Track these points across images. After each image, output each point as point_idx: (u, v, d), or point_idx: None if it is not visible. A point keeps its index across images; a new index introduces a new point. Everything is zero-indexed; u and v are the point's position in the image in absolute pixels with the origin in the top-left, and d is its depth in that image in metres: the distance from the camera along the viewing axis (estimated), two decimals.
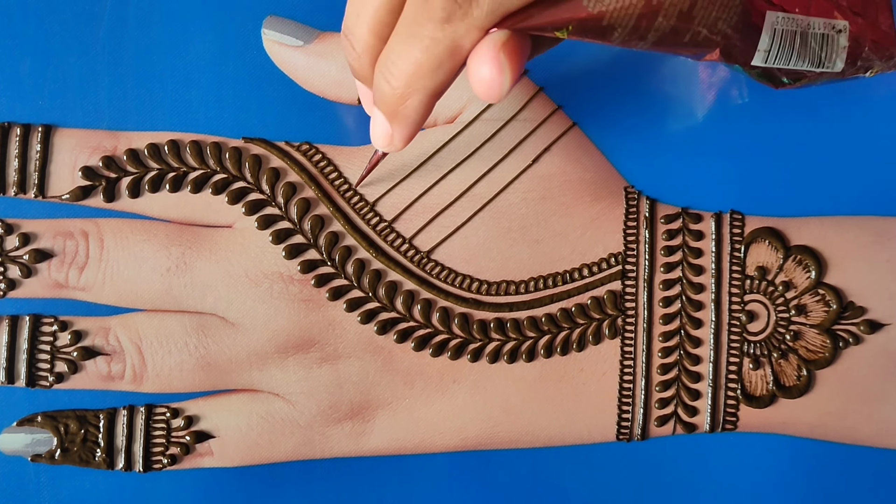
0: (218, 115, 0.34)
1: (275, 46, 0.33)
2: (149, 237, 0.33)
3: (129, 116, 0.34)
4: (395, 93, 0.25)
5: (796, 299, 0.34)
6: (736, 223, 0.34)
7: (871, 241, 0.34)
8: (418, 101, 0.25)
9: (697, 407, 0.34)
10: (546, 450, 0.35)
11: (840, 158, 0.35)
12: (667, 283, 0.34)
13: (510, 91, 0.24)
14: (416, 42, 0.24)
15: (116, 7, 0.34)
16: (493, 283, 0.34)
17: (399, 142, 0.26)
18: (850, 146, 0.35)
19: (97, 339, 0.33)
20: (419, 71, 0.24)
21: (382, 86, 0.25)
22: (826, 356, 0.34)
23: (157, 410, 0.34)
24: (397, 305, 0.33)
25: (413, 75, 0.24)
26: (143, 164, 0.33)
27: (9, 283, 0.33)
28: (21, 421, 0.34)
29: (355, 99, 0.34)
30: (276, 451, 0.34)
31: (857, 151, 0.35)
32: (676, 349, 0.34)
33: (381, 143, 0.26)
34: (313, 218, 0.33)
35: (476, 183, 0.34)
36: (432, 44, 0.23)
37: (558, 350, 0.34)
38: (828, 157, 0.35)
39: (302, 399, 0.33)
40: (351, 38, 0.25)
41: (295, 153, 0.34)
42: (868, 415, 0.34)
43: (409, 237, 0.34)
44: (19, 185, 0.33)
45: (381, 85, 0.25)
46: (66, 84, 0.34)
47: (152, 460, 0.34)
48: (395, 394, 0.34)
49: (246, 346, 0.33)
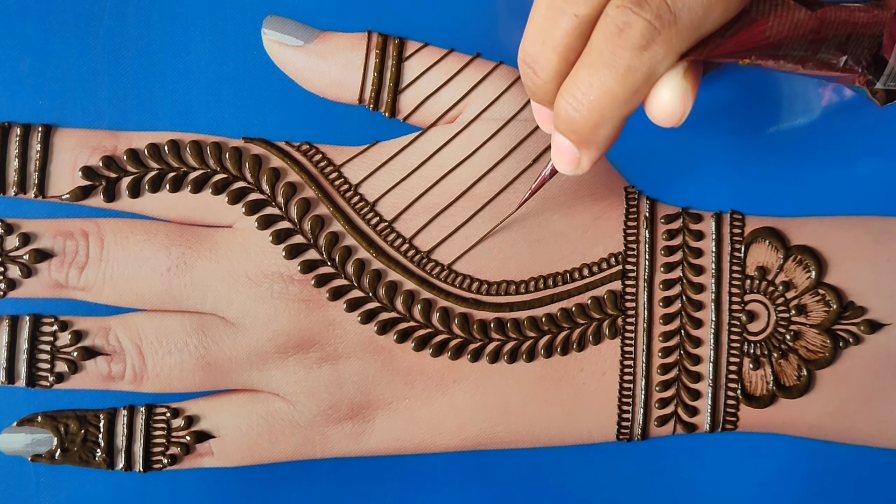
0: (218, 115, 0.34)
1: (275, 46, 0.33)
2: (149, 237, 0.33)
3: (129, 116, 0.34)
4: (586, 122, 0.24)
5: (796, 299, 0.34)
6: (736, 223, 0.34)
7: (871, 241, 0.34)
8: (611, 128, 0.24)
9: (697, 407, 0.34)
10: (546, 450, 0.35)
11: (840, 158, 0.35)
12: (667, 283, 0.34)
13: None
14: (610, 71, 0.23)
15: (116, 7, 0.34)
16: (493, 283, 0.34)
17: (587, 166, 0.26)
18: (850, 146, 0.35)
19: (97, 339, 0.33)
20: (614, 101, 0.24)
21: (572, 115, 0.24)
22: (826, 356, 0.34)
23: (158, 410, 0.34)
24: (397, 305, 0.33)
25: (608, 105, 0.24)
26: (143, 164, 0.33)
27: (9, 283, 0.33)
28: (21, 421, 0.34)
29: (355, 99, 0.34)
30: (276, 451, 0.34)
31: (857, 151, 0.35)
32: (676, 349, 0.34)
33: (567, 167, 0.26)
34: (313, 218, 0.33)
35: (476, 183, 0.34)
36: (628, 72, 0.23)
37: (558, 350, 0.34)
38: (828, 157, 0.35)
39: (302, 399, 0.33)
40: (534, 64, 0.25)
41: (295, 153, 0.34)
42: (868, 415, 0.34)
43: (409, 237, 0.34)
44: (19, 185, 0.33)
45: (570, 114, 0.24)
46: (66, 84, 0.34)
47: (152, 460, 0.34)
48: (395, 394, 0.34)
49: (246, 346, 0.33)
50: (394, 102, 0.34)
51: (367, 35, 0.34)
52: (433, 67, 0.34)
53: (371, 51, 0.33)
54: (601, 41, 0.23)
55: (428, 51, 0.34)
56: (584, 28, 0.24)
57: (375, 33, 0.34)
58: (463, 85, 0.34)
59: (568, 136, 0.25)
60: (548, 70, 0.25)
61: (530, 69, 0.25)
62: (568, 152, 0.26)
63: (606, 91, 0.24)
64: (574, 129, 0.25)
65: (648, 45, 0.23)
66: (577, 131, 0.25)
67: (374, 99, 0.34)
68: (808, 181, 0.35)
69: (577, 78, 0.24)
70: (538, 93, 0.25)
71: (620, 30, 0.23)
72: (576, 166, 0.26)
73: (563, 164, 0.26)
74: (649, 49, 0.23)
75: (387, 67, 0.34)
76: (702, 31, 0.23)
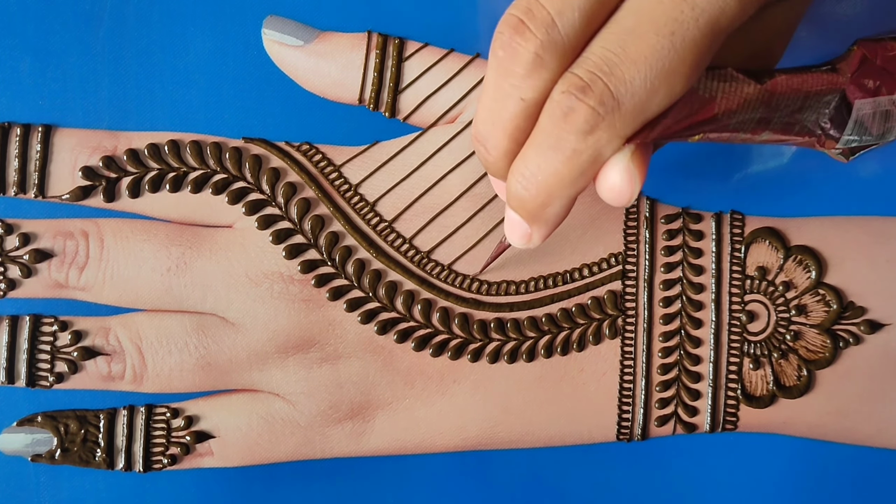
0: (218, 115, 0.34)
1: (275, 46, 0.33)
2: (149, 237, 0.33)
3: (129, 116, 0.34)
4: (535, 201, 0.25)
5: (796, 299, 0.34)
6: (736, 223, 0.34)
7: (871, 241, 0.34)
8: (559, 207, 0.25)
9: (697, 407, 0.34)
10: (546, 450, 0.35)
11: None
12: (667, 283, 0.34)
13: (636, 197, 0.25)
14: (557, 154, 0.24)
15: (116, 7, 0.34)
16: (493, 283, 0.34)
17: (538, 241, 0.26)
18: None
19: (97, 339, 0.33)
20: (561, 182, 0.24)
21: (521, 193, 0.25)
22: (826, 356, 0.34)
23: (157, 410, 0.34)
24: (397, 305, 0.33)
25: (554, 185, 0.24)
26: (143, 164, 0.33)
27: (9, 283, 0.33)
28: (21, 421, 0.34)
29: (355, 99, 0.34)
30: (276, 451, 0.34)
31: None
32: (677, 349, 0.34)
33: (518, 241, 0.27)
34: (313, 218, 0.33)
35: (476, 183, 0.34)
36: (574, 155, 0.24)
37: (558, 350, 0.34)
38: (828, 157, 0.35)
39: (302, 399, 0.33)
40: (486, 142, 0.25)
41: (295, 153, 0.34)
42: (868, 415, 0.34)
43: (409, 237, 0.34)
44: (19, 185, 0.33)
45: (519, 192, 0.25)
46: (66, 84, 0.34)
47: (152, 460, 0.34)
48: (396, 394, 0.34)
49: (246, 346, 0.33)
50: (394, 102, 0.34)
51: (367, 35, 0.34)
52: (433, 67, 0.34)
53: (371, 51, 0.33)
54: (548, 124, 0.24)
55: (428, 51, 0.34)
56: (531, 111, 0.24)
57: (375, 33, 0.34)
58: (463, 85, 0.34)
59: (518, 213, 0.26)
60: (498, 149, 0.25)
61: (482, 147, 0.26)
62: (519, 227, 0.26)
63: (553, 172, 0.24)
64: (524, 206, 0.25)
65: (593, 130, 0.23)
66: (526, 209, 0.25)
67: (374, 99, 0.34)
68: (808, 181, 0.35)
69: (526, 158, 0.24)
70: (491, 168, 0.26)
71: (565, 114, 0.23)
72: (527, 241, 0.26)
73: (516, 238, 0.27)
74: (594, 134, 0.23)
75: (387, 67, 0.34)
76: (646, 114, 0.23)
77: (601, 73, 0.23)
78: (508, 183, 0.25)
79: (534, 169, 0.24)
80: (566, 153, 0.24)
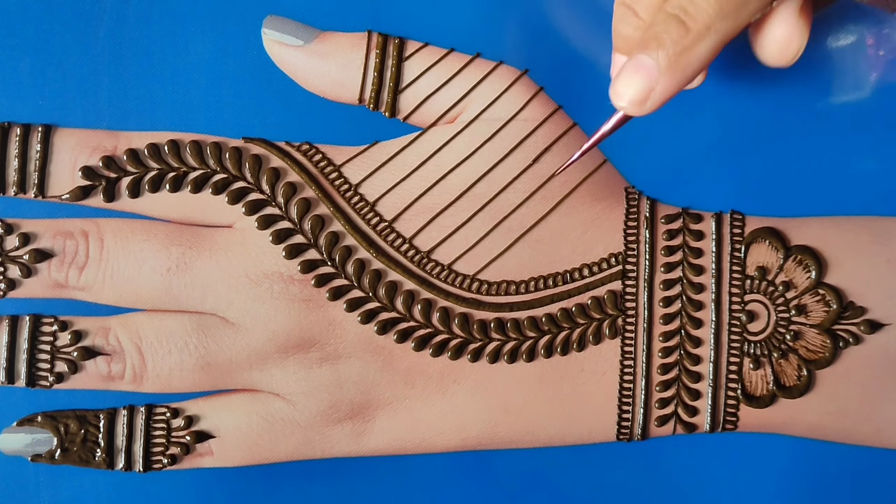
0: (218, 115, 0.34)
1: (275, 46, 0.33)
2: (149, 237, 0.33)
3: (129, 116, 0.34)
4: (689, 33, 0.23)
5: (796, 299, 0.34)
6: (736, 223, 0.34)
7: (871, 241, 0.34)
8: (710, 45, 0.23)
9: (697, 407, 0.34)
10: (546, 450, 0.35)
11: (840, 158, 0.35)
12: (667, 283, 0.34)
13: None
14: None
15: (116, 7, 0.34)
16: (493, 283, 0.34)
17: (661, 98, 0.24)
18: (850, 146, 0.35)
19: (97, 339, 0.33)
20: (722, 9, 0.23)
21: (673, 27, 0.23)
22: (826, 356, 0.34)
23: (157, 410, 0.34)
24: (397, 305, 0.33)
25: (716, 14, 0.23)
26: (143, 164, 0.33)
27: (9, 283, 0.33)
28: (21, 421, 0.34)
29: (355, 99, 0.34)
30: (276, 451, 0.34)
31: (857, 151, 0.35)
32: (677, 349, 0.34)
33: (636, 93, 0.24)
34: (313, 218, 0.33)
35: (476, 183, 0.34)
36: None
37: (558, 350, 0.34)
38: (828, 157, 0.35)
39: (302, 399, 0.33)
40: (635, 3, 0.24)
41: (295, 153, 0.34)
42: (868, 415, 0.34)
43: (409, 237, 0.34)
44: (19, 185, 0.33)
45: (671, 26, 0.23)
46: (66, 84, 0.34)
47: (152, 460, 0.34)
48: (396, 394, 0.34)
49: (246, 346, 0.33)
50: (394, 102, 0.34)
51: (367, 35, 0.34)
52: (433, 67, 0.34)
53: (371, 51, 0.33)
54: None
55: (428, 51, 0.34)
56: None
57: (375, 33, 0.34)
58: (463, 85, 0.34)
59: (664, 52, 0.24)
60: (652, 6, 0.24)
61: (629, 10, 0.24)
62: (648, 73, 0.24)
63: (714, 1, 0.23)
64: (673, 40, 0.23)
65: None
66: (675, 43, 0.23)
67: (374, 99, 0.34)
68: (808, 181, 0.35)
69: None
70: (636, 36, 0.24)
71: None
72: (646, 95, 0.25)
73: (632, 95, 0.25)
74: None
75: (387, 67, 0.34)
76: None
77: None
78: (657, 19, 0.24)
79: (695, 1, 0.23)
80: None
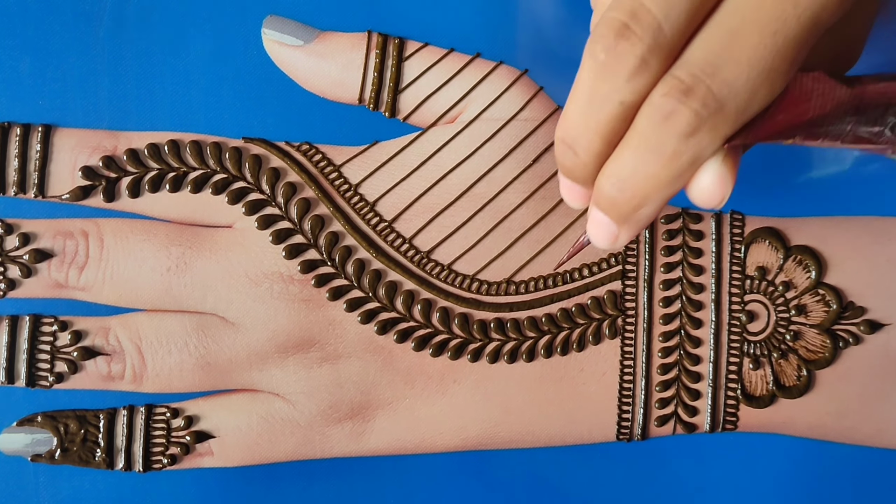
0: (218, 115, 0.34)
1: (275, 46, 0.33)
2: (149, 237, 0.33)
3: (129, 116, 0.34)
4: (629, 203, 0.24)
5: (796, 299, 0.34)
6: (736, 223, 0.34)
7: (871, 241, 0.34)
8: (652, 209, 0.25)
9: (697, 407, 0.34)
10: (546, 450, 0.35)
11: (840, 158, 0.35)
12: (667, 283, 0.34)
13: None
14: (655, 157, 0.23)
15: (116, 7, 0.34)
16: (493, 283, 0.34)
17: (625, 241, 0.26)
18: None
19: (97, 339, 0.33)
20: (658, 184, 0.24)
21: (614, 195, 0.25)
22: (826, 356, 0.34)
23: (157, 410, 0.34)
24: (397, 305, 0.33)
25: (651, 188, 0.24)
26: (143, 164, 0.33)
27: (9, 283, 0.33)
28: (21, 421, 0.34)
29: (355, 99, 0.34)
30: (276, 451, 0.34)
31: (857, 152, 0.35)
32: (676, 349, 0.34)
33: (603, 242, 0.26)
34: (313, 218, 0.33)
35: (476, 183, 0.34)
36: (673, 157, 0.23)
37: (558, 350, 0.34)
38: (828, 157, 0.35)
39: (302, 399, 0.33)
40: (575, 145, 0.25)
41: (295, 153, 0.34)
42: (868, 415, 0.34)
43: (409, 237, 0.34)
44: (19, 185, 0.33)
45: (612, 194, 0.25)
46: (66, 84, 0.34)
47: (152, 460, 0.34)
48: (396, 394, 0.34)
49: (246, 346, 0.33)
50: (394, 102, 0.34)
51: (367, 35, 0.34)
52: (433, 67, 0.34)
53: (371, 51, 0.33)
54: (646, 127, 0.23)
55: (428, 51, 0.34)
56: (628, 113, 0.24)
57: (375, 33, 0.34)
58: (463, 85, 0.34)
59: (608, 214, 0.25)
60: (590, 152, 0.25)
61: (570, 150, 0.25)
62: (606, 228, 0.26)
63: (650, 175, 0.24)
64: (615, 208, 0.25)
65: (694, 133, 0.23)
66: (618, 210, 0.25)
67: (374, 99, 0.34)
68: (808, 181, 0.35)
69: (621, 160, 0.24)
70: (576, 172, 0.26)
71: (666, 117, 0.23)
72: (613, 241, 0.26)
73: (601, 238, 0.26)
74: (695, 136, 0.23)
75: (387, 67, 0.34)
76: (747, 115, 0.23)
77: (704, 75, 0.23)
78: (599, 184, 0.25)
79: (629, 171, 0.24)
80: (665, 156, 0.23)
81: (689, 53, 0.23)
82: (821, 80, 0.25)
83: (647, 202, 0.24)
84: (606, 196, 0.25)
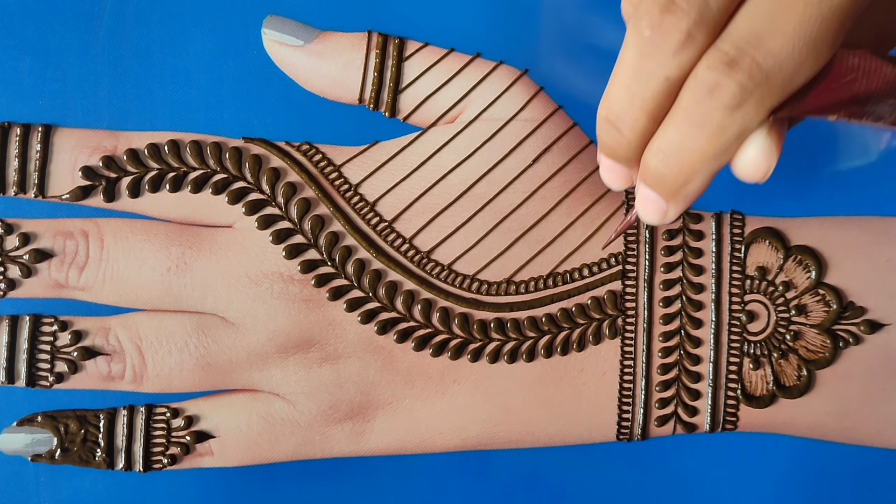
0: (218, 115, 0.34)
1: (275, 46, 0.33)
2: (149, 237, 0.33)
3: (129, 116, 0.34)
4: (676, 178, 0.24)
5: (796, 299, 0.34)
6: (736, 223, 0.34)
7: (871, 241, 0.34)
8: (700, 183, 0.25)
9: (697, 407, 0.34)
10: (546, 450, 0.35)
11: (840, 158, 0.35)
12: (667, 283, 0.34)
13: None
14: (701, 130, 0.23)
15: (116, 7, 0.34)
16: (493, 283, 0.34)
17: (674, 216, 0.26)
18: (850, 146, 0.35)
19: (97, 339, 0.33)
20: (704, 158, 0.24)
21: (662, 170, 0.25)
22: (826, 356, 0.34)
23: (157, 410, 0.34)
24: (397, 305, 0.33)
25: (697, 162, 0.24)
26: (143, 164, 0.33)
27: (9, 283, 0.33)
28: (21, 421, 0.34)
29: (355, 99, 0.34)
30: (276, 451, 0.34)
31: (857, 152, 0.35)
32: (676, 349, 0.34)
33: (653, 218, 0.26)
34: (313, 218, 0.33)
35: (476, 183, 0.34)
36: (719, 131, 0.23)
37: (558, 350, 0.34)
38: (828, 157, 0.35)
39: (302, 399, 0.33)
40: (619, 123, 0.25)
41: (295, 153, 0.34)
42: (868, 415, 0.34)
43: (409, 237, 0.34)
44: (19, 185, 0.33)
45: (659, 170, 0.25)
46: (66, 84, 0.34)
47: (152, 460, 0.34)
48: (396, 394, 0.34)
49: (246, 346, 0.33)
50: (394, 102, 0.34)
51: (367, 35, 0.34)
52: (433, 67, 0.34)
53: (371, 51, 0.33)
54: (691, 101, 0.23)
55: (428, 51, 0.34)
56: (673, 89, 0.24)
57: (375, 33, 0.34)
58: (463, 85, 0.34)
59: (656, 190, 0.25)
60: (635, 129, 0.25)
61: (614, 128, 0.25)
62: (655, 204, 0.26)
63: (697, 149, 0.24)
64: (663, 183, 0.25)
65: (740, 105, 0.23)
66: (665, 186, 0.25)
67: (374, 99, 0.34)
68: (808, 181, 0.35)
69: (667, 135, 0.24)
70: (620, 150, 0.25)
71: (711, 90, 0.23)
72: (662, 217, 0.26)
73: (650, 215, 0.26)
74: (741, 109, 0.23)
75: (387, 67, 0.34)
76: (792, 86, 0.23)
77: (749, 47, 0.22)
78: (645, 160, 0.25)
79: (676, 146, 0.24)
80: (711, 129, 0.23)
81: (733, 26, 0.23)
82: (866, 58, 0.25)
83: (695, 177, 0.24)
84: (653, 172, 0.25)
